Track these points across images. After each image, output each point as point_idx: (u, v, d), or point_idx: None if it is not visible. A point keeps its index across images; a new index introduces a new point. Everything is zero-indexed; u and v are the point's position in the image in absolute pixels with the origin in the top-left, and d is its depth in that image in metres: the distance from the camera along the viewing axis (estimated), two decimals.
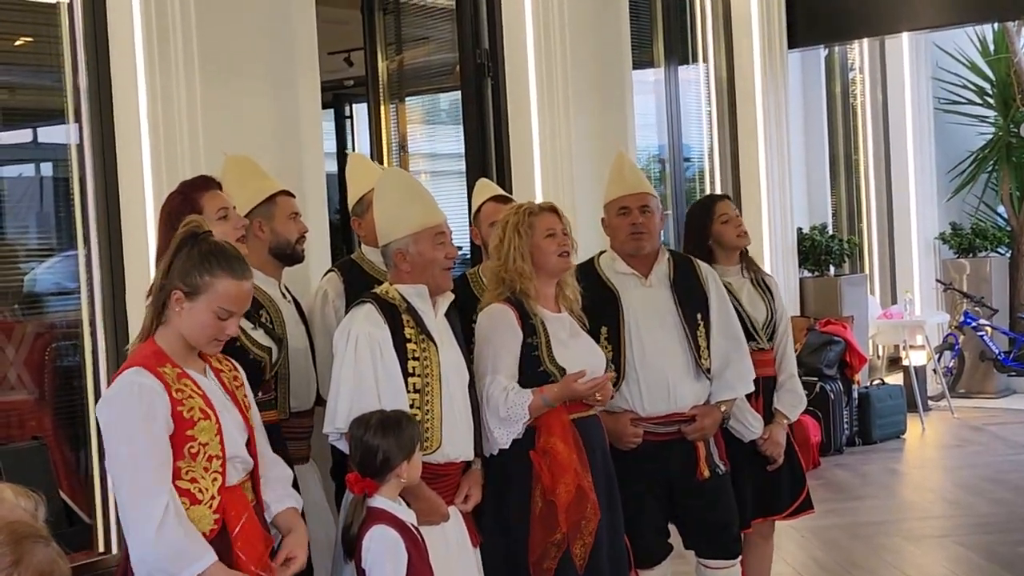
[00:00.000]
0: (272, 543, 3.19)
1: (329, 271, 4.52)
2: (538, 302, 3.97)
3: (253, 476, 3.21)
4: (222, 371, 3.22)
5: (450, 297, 3.81)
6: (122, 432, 2.98)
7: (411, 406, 3.59)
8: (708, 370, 4.42)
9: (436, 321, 3.73)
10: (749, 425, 4.64)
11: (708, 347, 4.42)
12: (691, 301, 4.43)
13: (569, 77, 6.68)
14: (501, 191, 4.90)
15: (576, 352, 3.96)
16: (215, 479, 3.03)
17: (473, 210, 4.74)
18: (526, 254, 3.94)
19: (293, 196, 4.15)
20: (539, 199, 6.05)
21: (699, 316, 4.42)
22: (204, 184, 3.72)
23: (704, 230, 4.86)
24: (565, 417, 3.86)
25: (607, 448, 4.06)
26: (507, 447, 3.83)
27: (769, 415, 4.76)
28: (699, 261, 4.61)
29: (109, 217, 4.66)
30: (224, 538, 3.03)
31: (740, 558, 4.57)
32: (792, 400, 4.84)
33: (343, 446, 3.62)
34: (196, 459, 3.00)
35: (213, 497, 3.02)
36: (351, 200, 4.54)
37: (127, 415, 2.97)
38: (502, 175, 6.43)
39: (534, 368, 3.89)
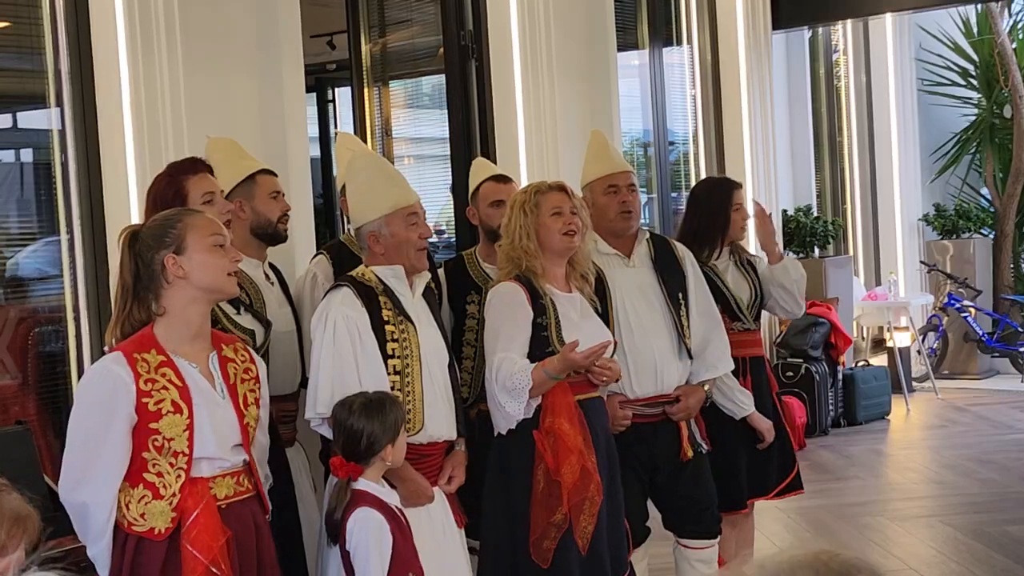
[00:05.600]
0: (228, 534, 3.03)
1: (318, 253, 4.49)
2: (547, 281, 3.96)
3: (251, 467, 3.15)
4: (233, 361, 3.14)
5: (426, 277, 3.79)
6: (84, 414, 3.01)
7: (392, 388, 3.56)
8: (689, 350, 4.42)
9: (413, 301, 3.72)
10: (740, 403, 4.66)
11: (689, 327, 4.43)
12: (672, 281, 4.43)
13: (554, 59, 6.64)
14: (499, 170, 4.86)
15: (587, 333, 3.92)
16: (179, 476, 2.99)
17: (471, 190, 4.70)
18: (531, 232, 3.92)
19: (275, 175, 4.12)
20: (524, 182, 6.02)
21: (680, 296, 4.42)
22: (192, 167, 3.67)
23: (721, 214, 4.85)
24: (571, 398, 3.83)
25: (609, 431, 4.05)
26: (528, 416, 3.78)
27: (756, 394, 4.76)
28: (675, 241, 4.62)
29: (92, 202, 4.62)
30: (175, 536, 2.98)
31: (719, 538, 4.57)
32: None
33: (325, 431, 3.59)
34: (161, 452, 2.97)
35: (174, 494, 2.99)
36: (339, 180, 4.50)
37: (92, 399, 3.02)
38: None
39: (542, 348, 3.86)
